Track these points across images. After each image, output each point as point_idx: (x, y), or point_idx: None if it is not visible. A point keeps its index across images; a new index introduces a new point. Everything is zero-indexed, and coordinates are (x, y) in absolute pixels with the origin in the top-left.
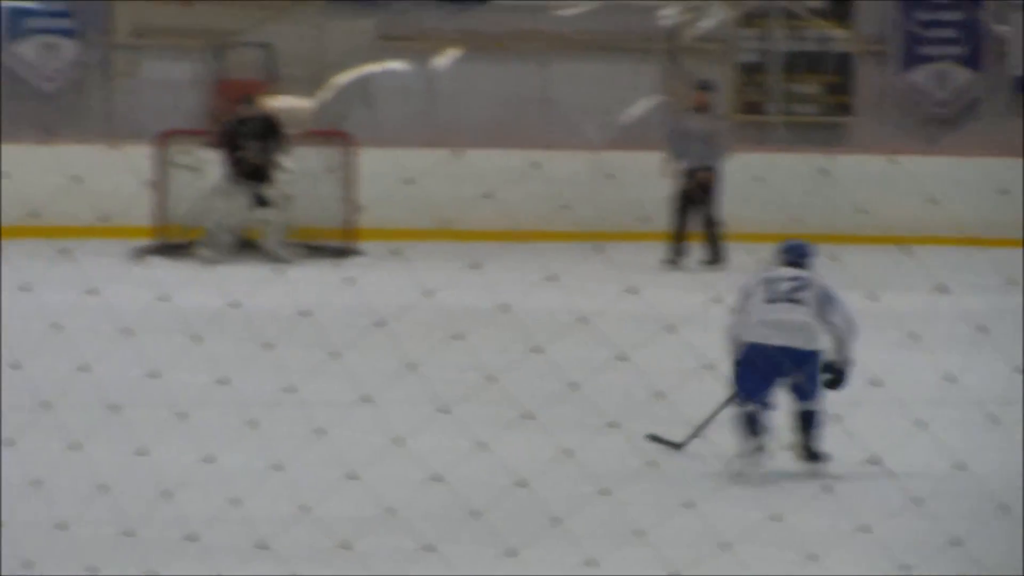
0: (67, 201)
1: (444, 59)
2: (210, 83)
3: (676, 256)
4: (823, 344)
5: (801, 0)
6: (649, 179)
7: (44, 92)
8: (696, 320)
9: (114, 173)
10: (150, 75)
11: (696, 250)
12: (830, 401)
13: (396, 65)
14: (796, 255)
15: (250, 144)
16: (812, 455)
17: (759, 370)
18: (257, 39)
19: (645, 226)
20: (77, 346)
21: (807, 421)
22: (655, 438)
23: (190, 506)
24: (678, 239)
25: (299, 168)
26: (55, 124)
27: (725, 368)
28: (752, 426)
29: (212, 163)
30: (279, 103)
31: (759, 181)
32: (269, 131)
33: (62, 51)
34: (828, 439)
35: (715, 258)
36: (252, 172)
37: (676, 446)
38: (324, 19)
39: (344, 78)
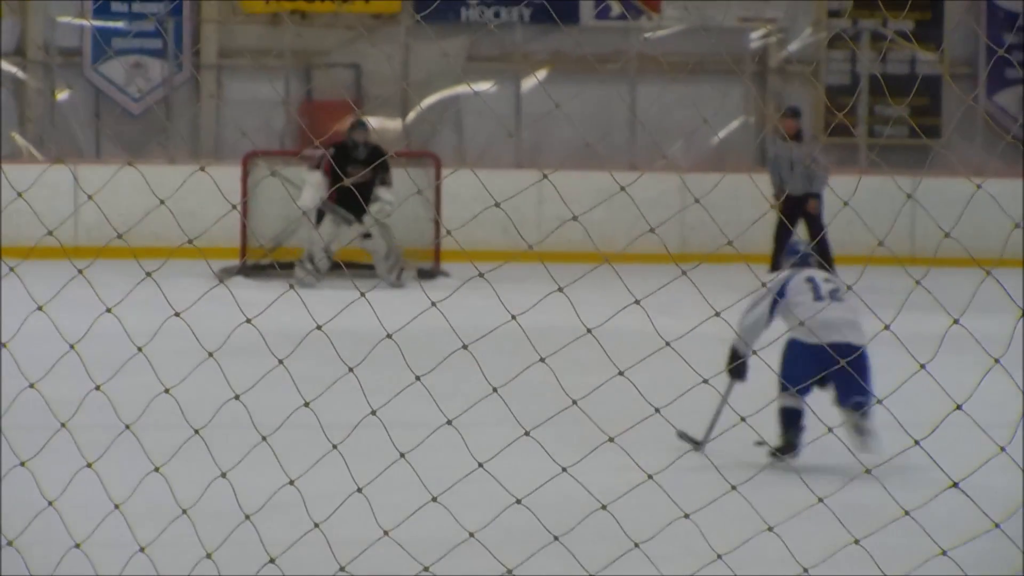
0: (153, 221)
1: (531, 80)
2: (297, 103)
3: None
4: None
5: (889, 22)
6: (737, 201)
7: (131, 112)
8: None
9: (200, 193)
10: (237, 95)
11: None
12: (916, 427)
13: (483, 86)
14: (805, 256)
15: (356, 170)
16: (863, 431)
17: (810, 367)
18: (345, 59)
19: (732, 248)
20: (160, 368)
21: (865, 432)
22: (683, 435)
23: (272, 529)
24: (779, 263)
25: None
26: (142, 144)
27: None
28: (795, 421)
29: (313, 185)
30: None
31: (845, 203)
32: (375, 159)
33: (149, 71)
34: (912, 465)
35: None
36: (354, 198)
37: (697, 445)
38: (412, 40)
39: (431, 99)
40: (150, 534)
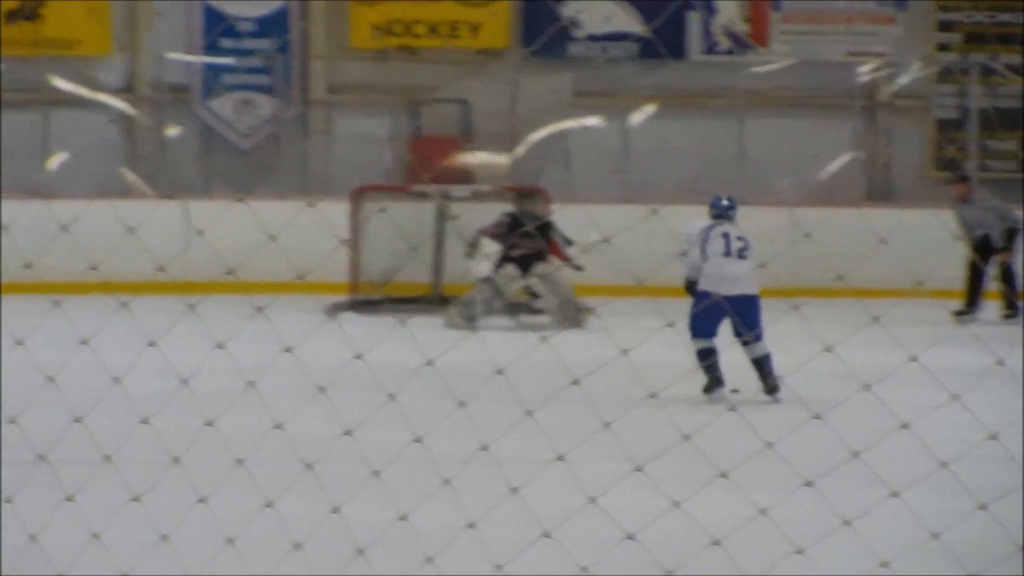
0: (262, 257)
1: (639, 115)
2: (406, 139)
3: (970, 311)
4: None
5: (999, 56)
6: (846, 236)
7: (240, 148)
8: (899, 377)
9: (309, 229)
10: (345, 131)
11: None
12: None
13: (591, 121)
14: (727, 210)
15: (523, 243)
16: (774, 389)
17: (712, 313)
18: (453, 95)
19: (843, 283)
20: (270, 403)
21: (765, 361)
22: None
23: (383, 564)
24: (972, 297)
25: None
26: (251, 180)
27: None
28: (710, 357)
29: (488, 256)
30: (475, 159)
31: (954, 237)
32: (543, 230)
33: (259, 108)
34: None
35: (1013, 311)
36: (521, 263)
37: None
38: (520, 75)
39: (539, 134)
40: (263, 567)
